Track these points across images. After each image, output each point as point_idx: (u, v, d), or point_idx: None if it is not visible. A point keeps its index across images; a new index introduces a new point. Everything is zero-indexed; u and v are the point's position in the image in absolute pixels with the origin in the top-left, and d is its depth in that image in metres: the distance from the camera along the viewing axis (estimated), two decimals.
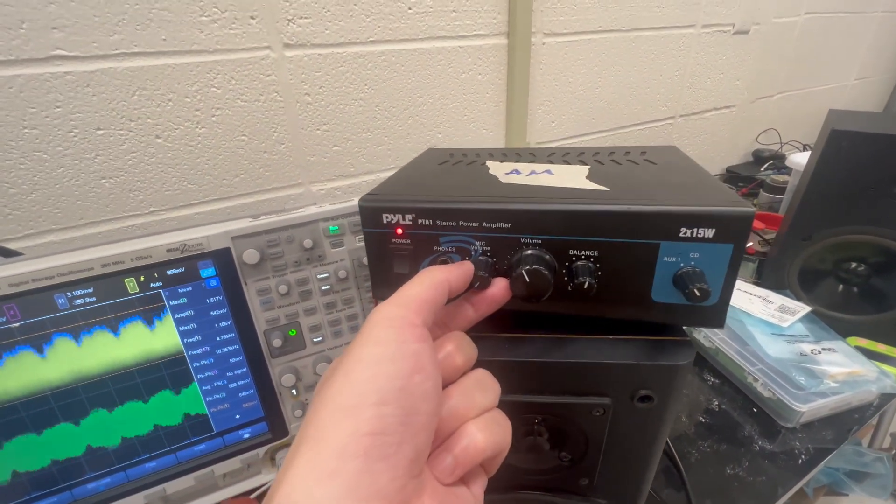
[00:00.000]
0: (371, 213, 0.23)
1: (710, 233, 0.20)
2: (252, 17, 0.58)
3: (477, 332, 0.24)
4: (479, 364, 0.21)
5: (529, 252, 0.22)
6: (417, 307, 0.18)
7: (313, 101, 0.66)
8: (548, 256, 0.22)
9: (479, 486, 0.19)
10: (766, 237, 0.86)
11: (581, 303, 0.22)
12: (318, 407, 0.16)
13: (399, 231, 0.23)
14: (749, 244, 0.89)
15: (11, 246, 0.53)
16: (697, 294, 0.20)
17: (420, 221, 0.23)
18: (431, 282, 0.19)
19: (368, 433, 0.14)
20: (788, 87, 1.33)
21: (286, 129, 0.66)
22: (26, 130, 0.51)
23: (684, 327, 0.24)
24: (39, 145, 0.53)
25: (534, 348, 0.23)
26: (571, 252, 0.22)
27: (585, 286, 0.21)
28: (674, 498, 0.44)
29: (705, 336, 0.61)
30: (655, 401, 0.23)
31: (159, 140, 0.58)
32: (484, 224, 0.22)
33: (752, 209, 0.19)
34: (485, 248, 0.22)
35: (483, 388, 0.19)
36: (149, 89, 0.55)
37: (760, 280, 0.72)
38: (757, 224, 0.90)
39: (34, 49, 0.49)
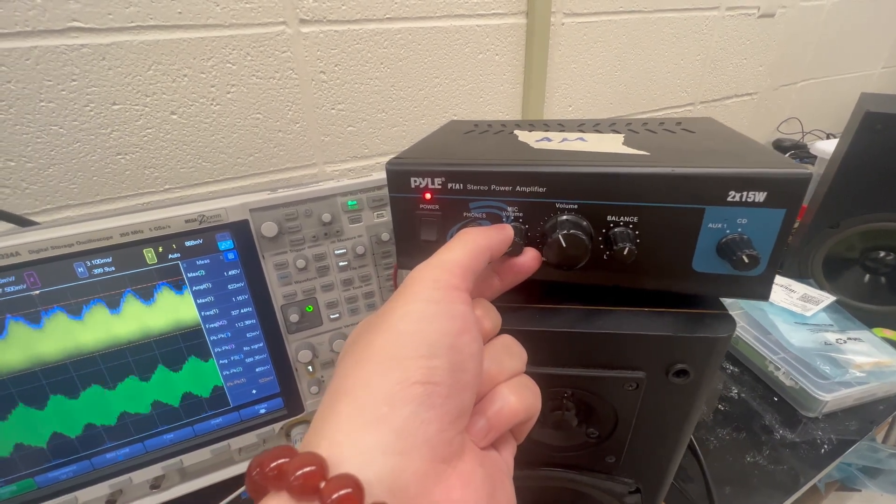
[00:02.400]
0: (398, 177, 0.22)
1: (761, 196, 0.18)
2: None
3: (507, 303, 0.23)
4: (509, 334, 0.20)
5: (565, 217, 0.21)
6: (462, 272, 0.17)
7: (329, 80, 0.65)
8: (584, 222, 0.21)
9: (509, 453, 0.18)
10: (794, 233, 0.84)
11: (618, 272, 0.21)
12: (357, 359, 0.15)
13: (427, 196, 0.22)
14: None
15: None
16: (746, 261, 0.19)
17: (450, 185, 0.22)
18: (474, 247, 0.18)
19: (419, 381, 0.14)
20: (813, 74, 1.29)
21: (301, 108, 0.65)
22: (42, 104, 0.51)
23: (721, 301, 0.23)
24: (56, 119, 0.52)
25: (565, 319, 0.22)
26: (609, 218, 0.21)
27: (625, 252, 0.20)
28: (693, 485, 0.44)
29: None
30: (691, 376, 0.22)
31: (174, 116, 0.58)
32: (517, 188, 0.21)
33: (810, 171, 0.18)
34: (517, 213, 0.22)
35: (511, 353, 0.19)
36: (164, 64, 0.55)
37: (782, 269, 0.71)
38: None
39: (50, 20, 0.48)
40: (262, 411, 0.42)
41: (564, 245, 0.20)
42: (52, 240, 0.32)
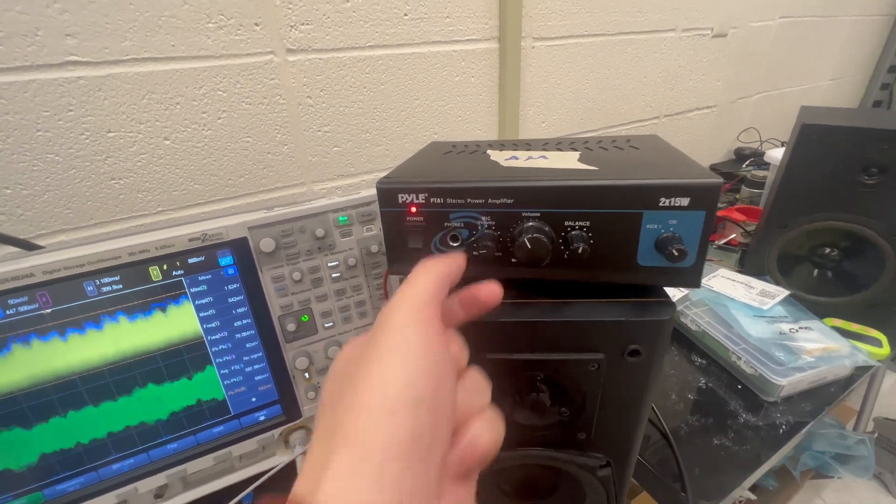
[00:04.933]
0: (388, 194, 0.26)
1: (685, 201, 0.23)
2: (256, 24, 0.60)
3: None
4: (488, 325, 0.23)
5: (530, 224, 0.25)
6: (430, 303, 0.18)
7: (315, 104, 0.68)
8: (546, 227, 0.25)
9: (473, 482, 0.19)
10: (748, 229, 0.90)
11: (576, 268, 0.25)
12: (349, 404, 0.16)
13: (413, 209, 0.26)
14: (732, 236, 0.93)
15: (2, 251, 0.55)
16: (677, 254, 0.23)
17: (432, 200, 0.26)
18: (437, 275, 0.19)
19: (409, 437, 0.14)
20: (766, 87, 1.39)
21: (289, 131, 0.68)
22: (40, 133, 0.53)
23: (665, 289, 0.27)
24: (52, 147, 0.55)
25: (535, 311, 0.26)
26: (566, 223, 0.24)
27: (580, 251, 0.24)
28: (666, 467, 0.47)
29: (692, 321, 0.65)
30: (643, 355, 0.26)
31: (167, 142, 0.61)
32: (489, 201, 0.25)
33: (721, 180, 0.23)
34: (490, 222, 0.25)
35: (480, 389, 0.20)
36: (158, 93, 0.58)
37: (743, 268, 0.76)
38: (738, 217, 0.94)
39: (49, 55, 0.51)
40: (262, 418, 0.44)
41: (530, 247, 0.24)
42: (65, 261, 0.34)
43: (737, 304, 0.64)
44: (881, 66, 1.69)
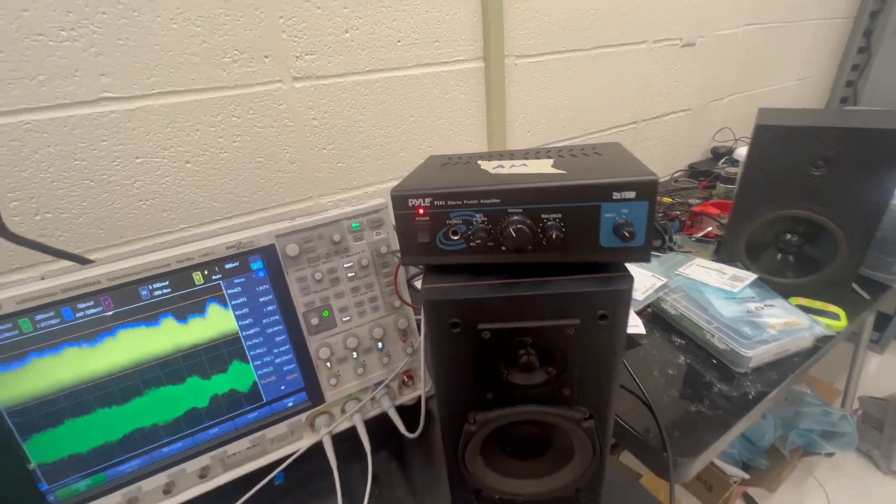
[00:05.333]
0: (400, 200, 0.32)
1: (632, 194, 0.29)
2: (266, 57, 0.67)
3: (481, 281, 0.33)
4: (483, 301, 0.29)
5: (514, 218, 0.31)
6: None
7: (319, 125, 0.75)
8: (528, 220, 0.31)
9: None
10: (722, 222, 0.98)
11: (552, 251, 0.32)
12: None
13: (420, 211, 0.32)
14: (709, 229, 1.00)
15: (58, 265, 0.61)
16: (628, 236, 0.29)
17: (435, 203, 0.32)
18: None
19: None
20: (737, 90, 1.48)
21: (297, 151, 0.75)
22: (77, 162, 0.60)
23: (625, 264, 0.33)
24: (87, 174, 0.61)
25: (522, 287, 0.32)
26: (543, 216, 0.31)
27: (554, 237, 0.30)
28: (650, 432, 0.53)
29: (671, 305, 0.71)
30: (610, 318, 0.32)
31: (189, 165, 0.67)
32: (481, 201, 0.31)
33: (655, 176, 0.29)
34: (482, 218, 0.32)
35: None
36: (180, 122, 0.64)
37: (718, 257, 0.83)
38: (713, 211, 1.02)
39: (85, 93, 0.58)
40: (290, 404, 0.50)
41: (515, 236, 0.30)
42: (124, 269, 0.40)
43: (711, 289, 0.71)
44: (844, 66, 1.79)
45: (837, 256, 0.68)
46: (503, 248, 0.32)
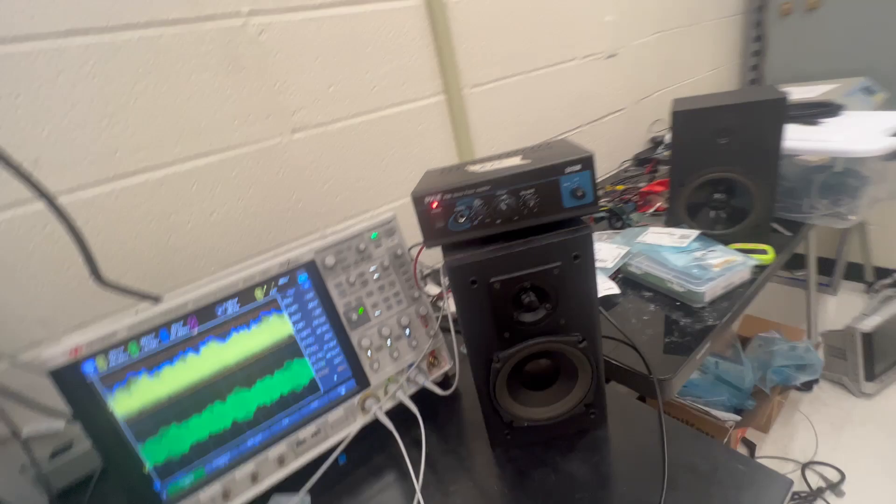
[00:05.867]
0: (419, 198, 0.45)
1: (578, 167, 0.43)
2: (268, 116, 0.80)
3: (481, 245, 0.46)
4: (490, 259, 0.42)
5: (502, 197, 0.44)
6: None
7: (317, 167, 0.88)
8: (511, 198, 0.44)
9: None
10: (667, 197, 1.14)
11: (532, 217, 0.44)
12: None
13: (434, 204, 0.44)
14: (658, 204, 1.17)
15: (119, 314, 0.70)
16: (581, 196, 0.42)
17: (444, 197, 0.44)
18: None
19: None
20: (661, 86, 1.71)
21: (301, 191, 0.87)
22: (120, 226, 0.70)
23: (582, 218, 0.47)
24: (130, 236, 0.71)
25: (517, 244, 0.45)
26: (521, 193, 0.44)
27: (531, 205, 0.43)
28: (637, 365, 0.66)
29: (636, 267, 0.85)
30: (581, 257, 0.45)
31: (213, 216, 0.78)
32: (477, 190, 0.44)
33: (591, 152, 0.43)
34: (479, 201, 0.44)
35: None
36: (202, 181, 0.76)
37: (667, 223, 0.99)
38: (659, 189, 1.19)
39: (125, 167, 0.69)
40: (343, 391, 0.60)
41: (504, 209, 0.43)
42: (207, 294, 0.51)
43: (665, 248, 0.86)
44: (746, 53, 2.07)
45: (755, 204, 0.84)
46: (498, 221, 0.45)
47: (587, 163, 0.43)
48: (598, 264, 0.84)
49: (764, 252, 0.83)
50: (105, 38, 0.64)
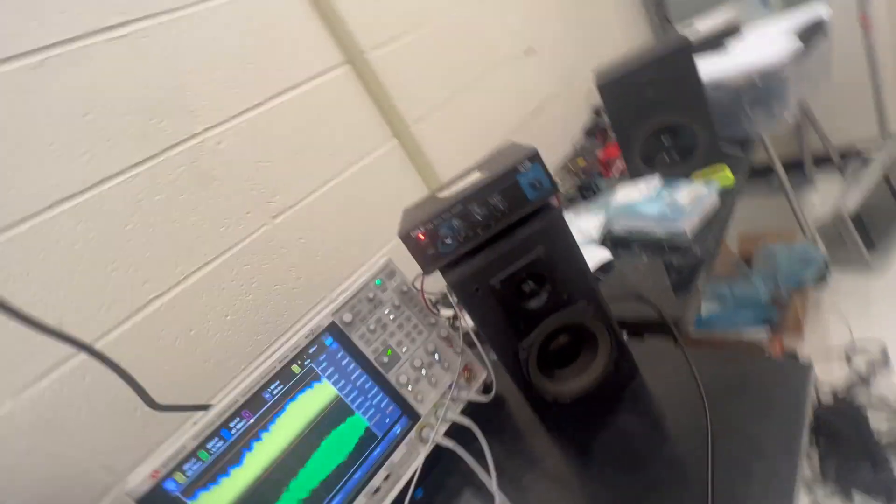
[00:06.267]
0: (406, 236, 0.50)
1: (529, 164, 0.49)
2: (247, 213, 0.86)
3: (476, 257, 0.51)
4: (488, 264, 0.47)
5: (475, 210, 0.50)
6: None
7: (306, 241, 0.94)
8: (482, 208, 0.50)
9: None
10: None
11: (504, 218, 0.50)
12: None
13: (421, 237, 0.50)
14: (620, 166, 1.24)
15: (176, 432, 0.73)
16: (538, 186, 0.48)
17: (426, 227, 0.50)
18: None
19: None
20: (587, 63, 1.81)
21: (299, 268, 0.92)
22: (151, 349, 0.74)
23: (549, 201, 0.52)
24: (159, 363, 0.75)
25: (502, 245, 0.50)
26: (489, 200, 0.50)
27: (502, 208, 0.49)
28: (649, 314, 0.70)
29: (619, 229, 0.91)
30: (559, 235, 0.50)
31: (228, 318, 0.83)
32: (452, 211, 0.50)
33: (534, 147, 0.49)
34: (458, 220, 0.50)
35: None
36: (208, 290, 0.81)
37: (631, 179, 1.05)
38: (615, 152, 1.26)
39: (138, 300, 0.74)
40: (398, 430, 0.64)
41: (481, 219, 0.49)
42: (250, 385, 0.55)
43: (637, 203, 0.92)
44: (648, 4, 2.22)
45: (698, 136, 0.92)
46: (478, 231, 0.51)
47: (533, 157, 0.49)
48: (584, 236, 0.90)
49: (723, 175, 0.89)
50: (87, 197, 0.70)
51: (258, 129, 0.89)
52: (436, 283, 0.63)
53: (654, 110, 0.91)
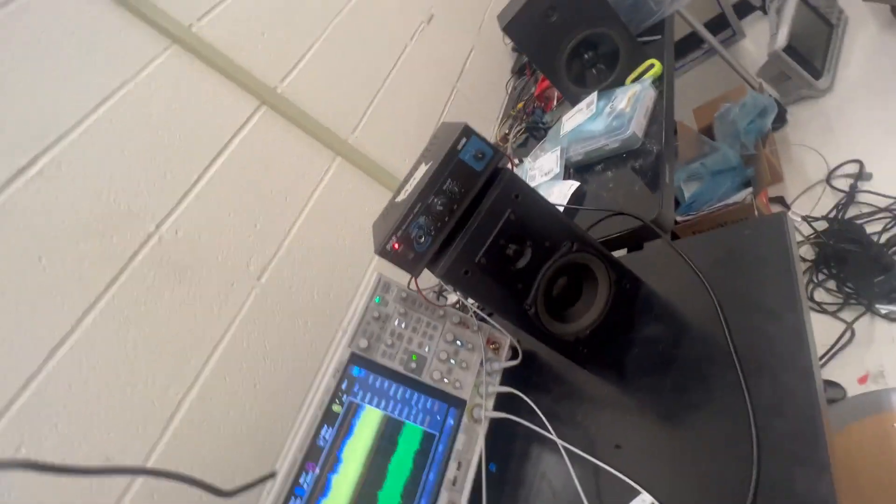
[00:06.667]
0: (382, 250, 0.52)
1: (464, 139, 0.50)
2: (232, 284, 0.87)
3: (455, 243, 0.53)
4: (466, 247, 0.49)
5: (435, 200, 0.51)
6: None
7: (297, 286, 0.95)
8: (441, 196, 0.51)
9: None
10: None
11: (465, 196, 0.52)
12: None
13: (396, 245, 0.52)
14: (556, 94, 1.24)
15: None
16: (482, 155, 0.50)
17: (397, 235, 0.51)
18: None
19: None
20: (486, 14, 1.79)
21: (302, 314, 0.94)
22: (200, 447, 0.76)
23: (499, 166, 0.54)
24: (212, 448, 0.77)
25: (473, 222, 0.52)
26: (443, 187, 0.51)
27: (457, 189, 0.50)
28: (632, 224, 0.73)
29: (574, 155, 0.93)
30: (520, 195, 0.52)
31: (257, 386, 0.85)
32: (413, 210, 0.51)
33: (463, 123, 0.50)
34: (422, 218, 0.51)
35: None
36: (227, 370, 0.82)
37: (569, 106, 1.06)
38: (547, 83, 1.26)
39: (169, 407, 0.75)
40: (451, 421, 0.67)
41: (442, 208, 0.50)
42: (303, 438, 0.57)
43: (582, 125, 0.93)
44: None
45: (615, 40, 0.92)
46: (446, 219, 0.52)
47: (466, 132, 0.50)
48: (547, 175, 0.91)
49: (651, 66, 0.91)
50: (78, 335, 0.71)
51: (207, 202, 0.88)
52: (430, 276, 0.65)
53: (565, 31, 0.91)
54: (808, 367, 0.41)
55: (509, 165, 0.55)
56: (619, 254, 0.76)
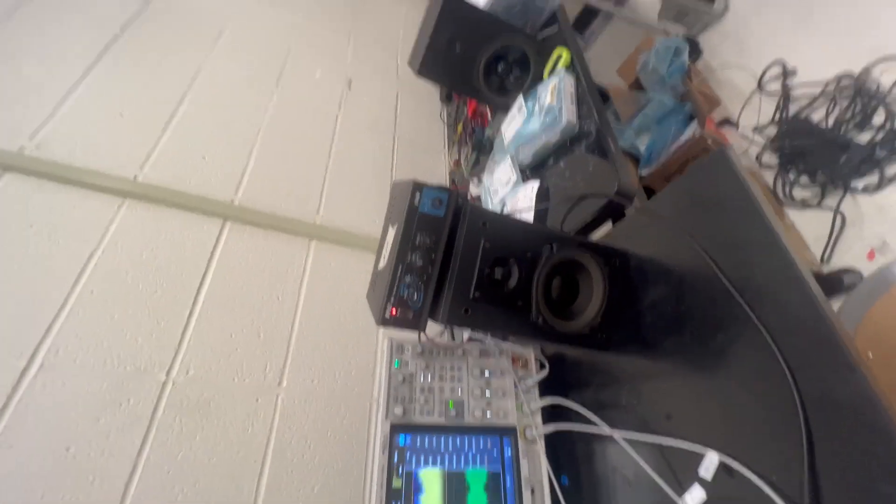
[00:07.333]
0: (382, 320, 0.53)
1: (418, 195, 0.53)
2: (257, 399, 0.87)
3: (445, 288, 0.55)
4: (453, 293, 0.51)
5: (414, 258, 0.53)
6: None
7: (319, 378, 0.95)
8: (418, 252, 0.54)
9: None
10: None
11: (438, 242, 0.54)
12: None
13: (393, 311, 0.53)
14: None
15: None
16: (440, 202, 0.53)
17: (391, 301, 0.53)
18: None
19: None
20: (401, 55, 1.87)
21: (337, 404, 0.94)
22: None
23: (459, 203, 0.57)
24: None
25: (454, 265, 0.54)
26: (417, 242, 0.54)
27: (429, 240, 0.53)
28: (593, 205, 0.76)
29: (525, 158, 0.97)
30: (485, 221, 0.55)
31: (316, 489, 0.84)
32: (398, 271, 0.53)
33: (411, 180, 0.53)
34: (409, 278, 0.54)
35: None
36: (279, 483, 0.82)
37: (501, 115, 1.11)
38: (475, 103, 1.32)
39: None
40: (509, 451, 0.67)
41: (423, 262, 0.53)
42: None
43: (521, 131, 0.97)
44: None
45: (519, 44, 0.98)
46: (429, 270, 0.54)
47: (417, 187, 0.53)
48: (508, 184, 0.95)
49: (560, 56, 0.96)
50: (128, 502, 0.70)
51: (208, 332, 0.90)
52: (436, 326, 0.67)
53: (472, 55, 0.97)
54: (799, 278, 0.43)
55: (469, 198, 0.58)
56: (604, 230, 0.79)
